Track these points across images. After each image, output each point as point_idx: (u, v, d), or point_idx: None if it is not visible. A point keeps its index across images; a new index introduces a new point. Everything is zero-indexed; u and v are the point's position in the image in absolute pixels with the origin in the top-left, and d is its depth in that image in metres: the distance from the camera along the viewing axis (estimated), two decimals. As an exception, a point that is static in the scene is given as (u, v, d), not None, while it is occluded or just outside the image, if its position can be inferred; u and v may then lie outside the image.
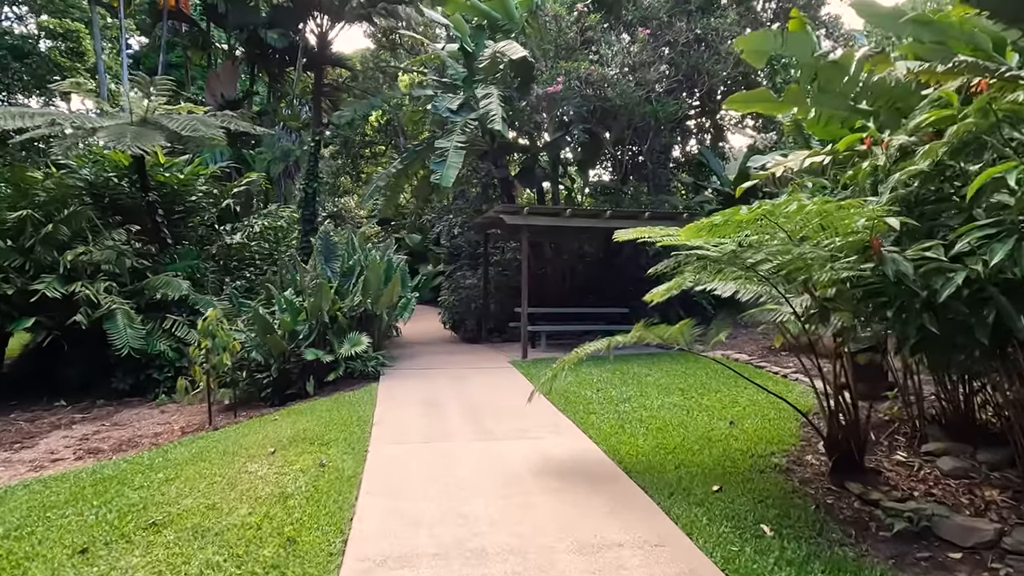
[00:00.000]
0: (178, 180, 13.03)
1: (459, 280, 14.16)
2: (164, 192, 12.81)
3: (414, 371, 8.73)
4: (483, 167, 14.86)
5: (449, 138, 10.91)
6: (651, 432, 5.69)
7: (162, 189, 12.78)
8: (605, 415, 6.29)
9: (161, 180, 12.78)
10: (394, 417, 6.20)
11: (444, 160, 10.48)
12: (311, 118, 12.29)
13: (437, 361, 9.78)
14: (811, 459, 4.94)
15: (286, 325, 7.71)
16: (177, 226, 13.05)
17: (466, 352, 11.11)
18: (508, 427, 5.89)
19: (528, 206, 9.63)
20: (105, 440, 7.43)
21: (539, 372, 8.59)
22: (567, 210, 9.82)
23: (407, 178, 13.41)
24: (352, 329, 8.32)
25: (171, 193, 12.93)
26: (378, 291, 8.24)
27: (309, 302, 7.62)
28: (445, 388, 7.62)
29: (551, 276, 14.11)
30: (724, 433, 5.64)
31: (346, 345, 7.83)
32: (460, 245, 16.97)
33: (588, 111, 12.14)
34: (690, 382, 7.76)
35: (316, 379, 7.87)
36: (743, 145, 19.41)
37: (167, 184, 12.85)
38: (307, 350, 7.62)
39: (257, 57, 20.62)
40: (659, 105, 12.26)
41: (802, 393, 7.05)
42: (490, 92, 11.01)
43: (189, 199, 13.25)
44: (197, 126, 10.09)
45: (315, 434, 5.56)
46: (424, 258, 24.53)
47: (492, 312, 13.07)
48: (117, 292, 10.33)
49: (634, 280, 13.53)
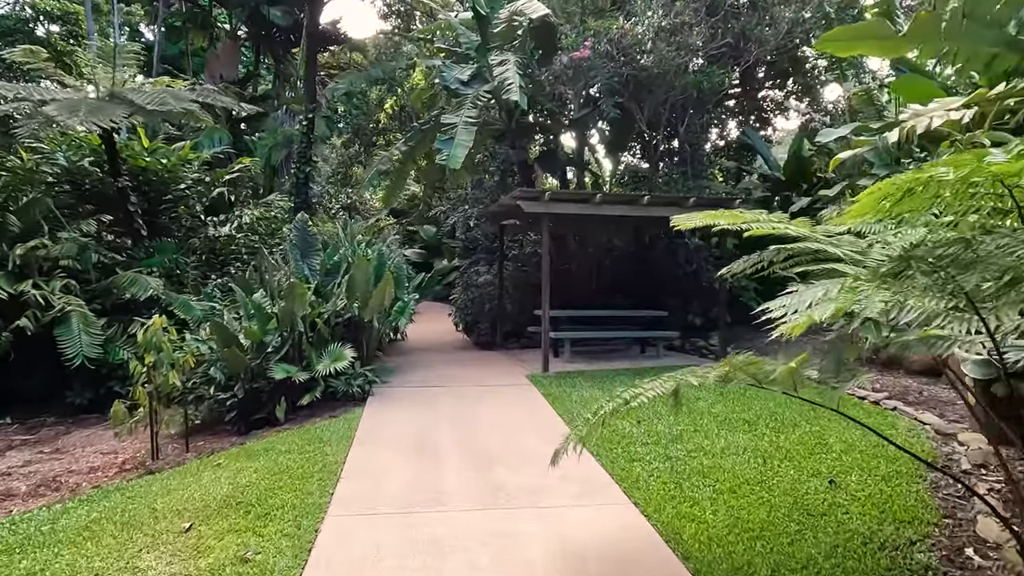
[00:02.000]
0: (162, 166, 11.70)
1: (472, 277, 12.62)
2: (147, 179, 11.50)
3: (411, 390, 7.22)
4: (500, 152, 13.28)
5: (458, 113, 9.37)
6: (721, 496, 4.09)
7: (144, 175, 11.48)
8: (653, 463, 4.71)
9: (142, 165, 11.46)
10: (371, 465, 4.69)
11: (452, 139, 8.94)
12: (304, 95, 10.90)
13: (442, 374, 8.25)
14: (974, 557, 3.31)
15: (252, 335, 6.25)
16: (160, 216, 11.74)
17: (477, 362, 9.57)
18: (524, 483, 4.33)
19: (550, 191, 8.05)
20: (30, 476, 6.05)
21: (564, 393, 7.03)
22: (596, 195, 8.21)
23: (413, 162, 11.90)
24: (336, 339, 6.85)
25: (157, 180, 11.62)
26: (366, 293, 6.75)
27: (279, 307, 6.16)
28: (446, 417, 6.08)
29: (575, 273, 12.49)
30: (825, 499, 4.02)
31: (325, 360, 6.36)
32: (476, 238, 15.45)
33: (619, 82, 10.48)
34: (755, 411, 6.12)
35: (289, 401, 6.41)
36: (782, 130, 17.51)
37: (150, 170, 11.53)
38: (276, 366, 6.16)
39: (261, 38, 19.30)
40: (703, 75, 10.54)
41: (910, 431, 5.39)
42: (506, 59, 9.42)
43: (177, 187, 11.92)
44: (165, 99, 8.68)
45: (257, 494, 4.06)
46: (439, 252, 23.07)
47: (509, 313, 11.52)
48: (79, 292, 9.01)
49: (670, 278, 11.86)
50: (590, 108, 11.64)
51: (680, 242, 11.76)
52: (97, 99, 8.81)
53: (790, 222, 3.39)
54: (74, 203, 10.66)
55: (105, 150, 9.89)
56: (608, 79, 10.39)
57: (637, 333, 10.21)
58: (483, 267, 13.54)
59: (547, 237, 8.30)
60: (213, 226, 11.49)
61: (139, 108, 8.65)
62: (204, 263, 11.15)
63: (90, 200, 10.77)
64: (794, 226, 3.36)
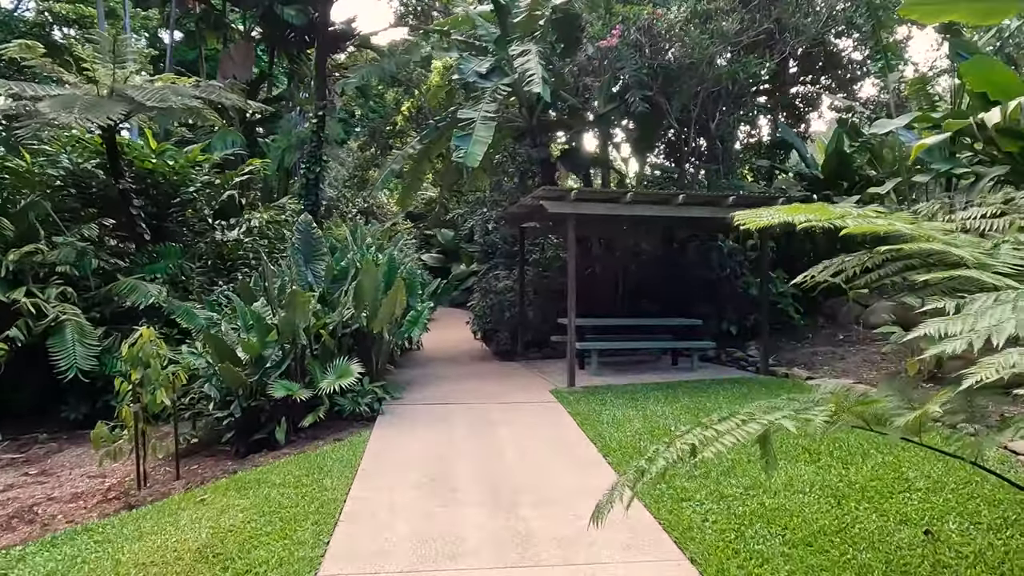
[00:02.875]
0: (169, 168, 11.27)
1: (490, 282, 11.98)
2: (155, 181, 11.08)
3: (425, 408, 6.58)
4: (520, 152, 12.64)
5: (476, 107, 8.75)
6: (795, 550, 3.37)
7: (152, 177, 11.05)
8: (706, 504, 4.00)
9: (149, 167, 11.03)
10: (375, 504, 4.04)
11: (469, 135, 8.31)
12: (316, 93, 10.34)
13: (458, 389, 7.60)
14: None
15: (250, 349, 5.66)
16: (168, 220, 11.28)
17: (497, 374, 8.90)
18: (556, 530, 3.65)
19: (576, 190, 7.38)
20: (7, 505, 5.51)
21: (593, 412, 6.33)
22: (627, 194, 7.52)
23: (429, 161, 11.30)
24: (343, 352, 6.24)
25: (165, 183, 11.19)
26: (375, 302, 6.13)
27: (279, 318, 5.56)
28: (462, 441, 5.43)
29: (600, 278, 11.79)
30: (925, 556, 3.28)
31: (330, 376, 5.74)
32: (495, 242, 14.84)
33: (648, 73, 9.79)
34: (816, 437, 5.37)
35: (291, 421, 5.80)
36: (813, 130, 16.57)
37: (157, 172, 11.10)
38: (276, 383, 5.56)
39: (275, 38, 18.89)
40: (738, 65, 9.81)
41: (1001, 463, 4.62)
42: (527, 49, 8.79)
43: (186, 190, 11.45)
44: (166, 96, 8.17)
45: (240, 542, 3.44)
46: (457, 257, 22.50)
47: (530, 321, 10.84)
48: (76, 300, 8.53)
49: (702, 283, 11.10)
50: (616, 103, 10.94)
51: (713, 245, 11.00)
52: (96, 96, 8.33)
53: (898, 217, 2.69)
54: (78, 207, 10.22)
55: (106, 150, 9.43)
56: (636, 70, 9.70)
57: (669, 343, 9.48)
58: (502, 272, 12.90)
59: (573, 240, 7.63)
60: (220, 230, 10.98)
61: (139, 105, 8.15)
62: (211, 268, 10.65)
63: (94, 203, 10.33)
64: (902, 222, 2.66)
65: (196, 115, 10.04)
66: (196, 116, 9.97)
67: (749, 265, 11.09)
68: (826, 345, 9.95)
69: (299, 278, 6.15)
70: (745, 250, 11.05)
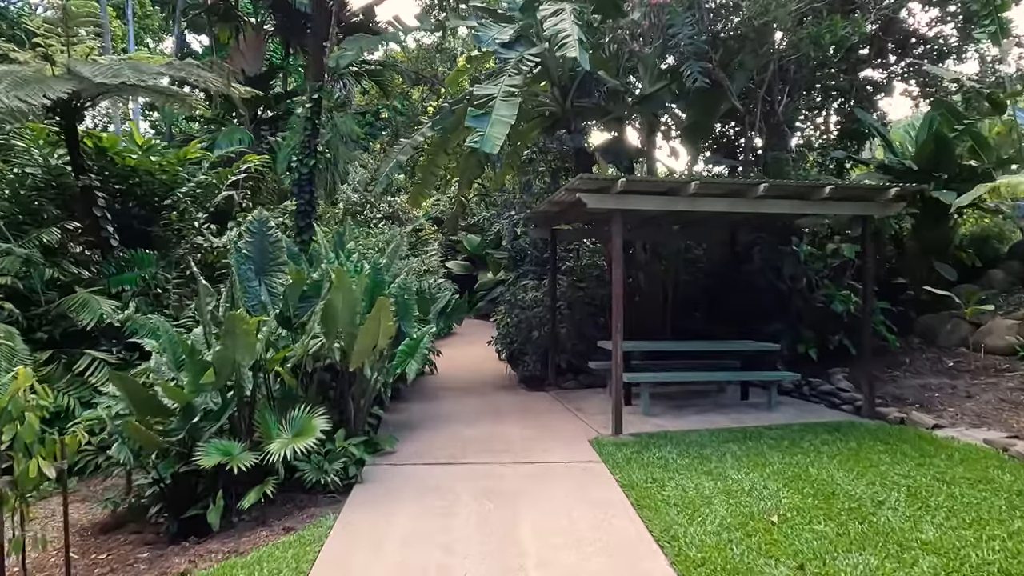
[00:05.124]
0: (155, 165, 9.94)
1: (517, 294, 10.27)
2: (140, 180, 9.77)
3: (420, 470, 4.88)
4: (552, 146, 10.91)
5: (496, 81, 7.07)
6: None
7: (135, 176, 9.75)
8: None
9: (131, 164, 9.71)
10: None
11: (487, 114, 6.63)
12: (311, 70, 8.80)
13: (469, 437, 5.89)
14: None
15: (176, 396, 4.07)
16: (154, 224, 9.91)
17: (521, 412, 7.16)
18: None
19: (624, 178, 5.62)
20: None
21: (652, 483, 4.53)
22: (690, 184, 5.71)
23: (447, 154, 9.67)
24: (310, 395, 4.61)
25: (154, 182, 9.87)
26: (351, 328, 4.45)
27: (213, 352, 3.97)
28: (463, 541, 3.70)
29: (645, 291, 9.97)
30: None
31: (285, 435, 4.11)
32: (523, 248, 13.17)
33: (709, 40, 8.00)
34: (983, 529, 3.48)
35: (235, 495, 4.18)
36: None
37: (142, 169, 9.78)
38: (208, 445, 3.95)
39: (288, 30, 17.61)
40: (823, 26, 7.92)
41: None
42: (561, 8, 7.09)
43: (179, 189, 10.09)
44: (121, 71, 6.72)
45: None
46: (484, 264, 20.86)
47: (562, 341, 9.09)
48: (20, 317, 7.15)
49: (772, 297, 9.18)
50: (665, 82, 9.15)
51: (785, 250, 9.08)
52: (40, 74, 6.94)
53: None
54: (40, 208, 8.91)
55: (65, 140, 8.07)
56: (693, 37, 7.92)
57: (741, 375, 7.59)
58: (531, 282, 11.20)
59: (619, 244, 5.85)
60: (204, 235, 9.55)
61: (87, 83, 6.71)
62: (191, 279, 9.20)
63: (60, 204, 9.00)
64: None
65: (174, 100, 8.60)
66: (173, 101, 8.53)
67: (829, 274, 9.14)
68: (934, 375, 7.94)
69: (247, 296, 4.53)
70: (825, 256, 9.10)
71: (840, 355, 8.66)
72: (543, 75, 9.39)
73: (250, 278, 4.62)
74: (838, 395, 7.24)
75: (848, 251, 9.04)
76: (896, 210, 6.36)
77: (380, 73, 19.71)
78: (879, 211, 6.36)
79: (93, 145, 9.24)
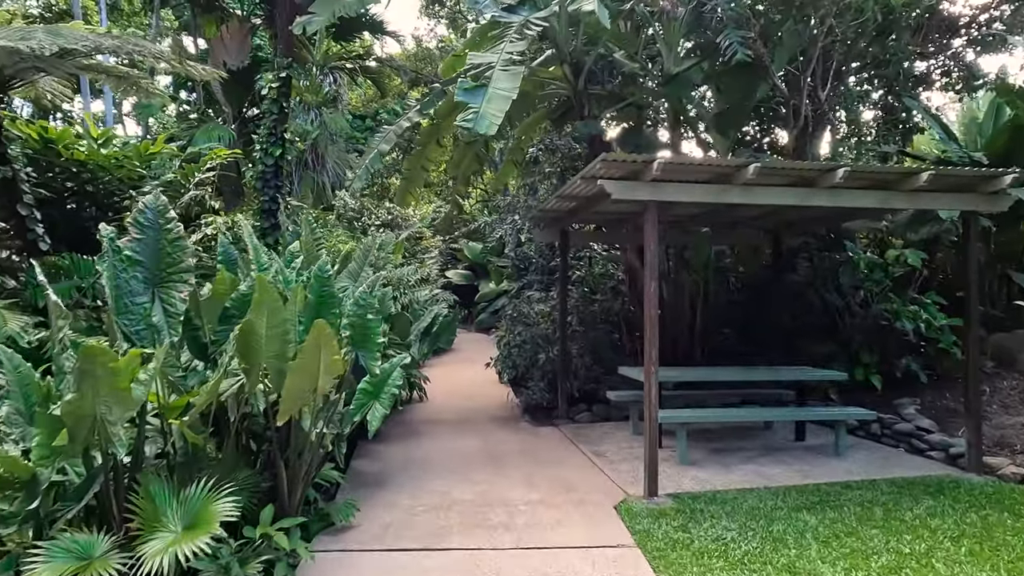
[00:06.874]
0: (103, 158, 8.66)
1: (520, 308, 8.89)
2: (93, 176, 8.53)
3: (382, 567, 3.49)
4: (562, 142, 9.48)
5: (495, 47, 5.75)
6: None
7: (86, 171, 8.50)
8: None
9: (80, 158, 8.45)
10: None
11: (483, 86, 5.29)
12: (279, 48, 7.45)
13: (456, 500, 4.49)
14: None
15: (16, 468, 2.72)
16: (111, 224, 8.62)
17: (525, 458, 5.75)
18: None
19: (660, 159, 4.25)
20: None
21: None
22: (748, 167, 4.33)
23: (439, 145, 8.33)
24: (225, 461, 3.26)
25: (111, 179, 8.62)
26: (279, 363, 3.09)
27: (62, 403, 2.64)
28: None
29: (670, 304, 8.56)
30: None
31: (171, 527, 2.75)
32: (528, 255, 11.81)
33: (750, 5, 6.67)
34: None
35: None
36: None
37: (92, 163, 8.51)
38: (53, 547, 2.59)
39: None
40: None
41: None
42: (574, -41, 5.77)
43: (140, 188, 8.80)
44: (29, 35, 5.41)
45: None
46: (486, 273, 19.52)
47: (574, 365, 7.70)
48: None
49: (822, 312, 7.77)
50: (696, 60, 7.81)
51: (840, 258, 7.69)
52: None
53: None
54: None
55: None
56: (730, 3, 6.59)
57: (802, 412, 6.14)
58: (537, 293, 9.83)
59: (654, 246, 4.47)
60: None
61: (-11, 49, 5.40)
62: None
63: None
64: None
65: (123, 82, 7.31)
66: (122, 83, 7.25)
67: (889, 286, 7.72)
68: (1029, 408, 6.49)
69: (128, 317, 3.15)
70: (886, 265, 7.68)
71: (903, 383, 7.24)
72: (553, 59, 8.08)
73: (136, 291, 3.27)
74: (920, 437, 5.79)
75: (913, 258, 7.63)
76: (1007, 204, 4.99)
77: (377, 71, 18.52)
78: (986, 205, 4.98)
79: (38, 136, 8.03)
